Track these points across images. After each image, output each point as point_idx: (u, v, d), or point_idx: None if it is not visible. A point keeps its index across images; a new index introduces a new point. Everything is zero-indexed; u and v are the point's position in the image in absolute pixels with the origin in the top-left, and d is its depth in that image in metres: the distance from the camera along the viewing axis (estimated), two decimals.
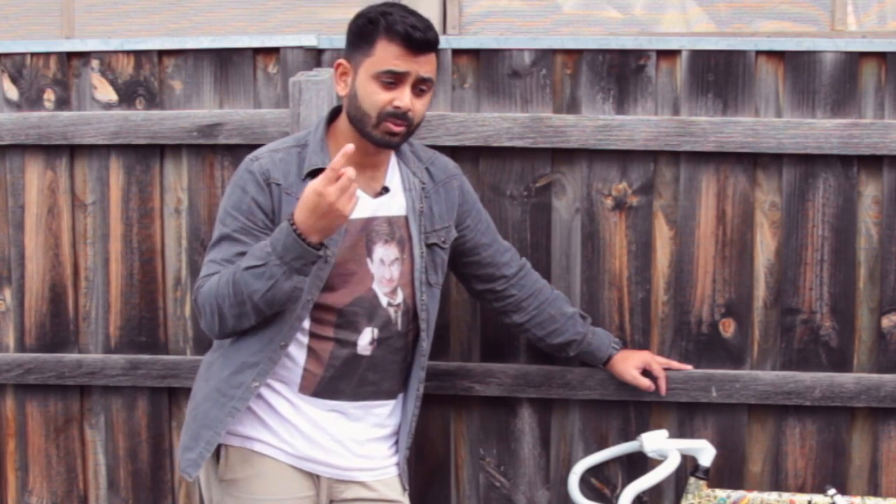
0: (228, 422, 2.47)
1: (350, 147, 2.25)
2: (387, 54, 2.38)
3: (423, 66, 2.40)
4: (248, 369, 2.47)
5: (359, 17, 2.45)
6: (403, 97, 2.39)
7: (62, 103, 3.07)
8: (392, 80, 2.39)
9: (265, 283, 2.31)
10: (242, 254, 2.42)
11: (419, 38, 2.37)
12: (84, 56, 3.06)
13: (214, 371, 2.53)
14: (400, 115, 2.40)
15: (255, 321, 2.41)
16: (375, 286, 2.50)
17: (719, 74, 2.87)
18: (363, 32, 2.42)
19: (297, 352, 2.49)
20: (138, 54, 3.04)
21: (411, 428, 2.63)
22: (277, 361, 2.47)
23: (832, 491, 2.68)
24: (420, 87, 2.42)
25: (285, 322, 2.44)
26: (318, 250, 2.30)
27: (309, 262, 2.31)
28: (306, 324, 2.48)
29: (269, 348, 2.46)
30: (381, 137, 2.42)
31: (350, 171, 2.24)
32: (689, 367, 2.89)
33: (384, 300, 2.51)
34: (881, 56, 2.84)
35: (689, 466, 2.79)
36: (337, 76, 2.50)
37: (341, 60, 2.48)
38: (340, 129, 2.51)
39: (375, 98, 2.40)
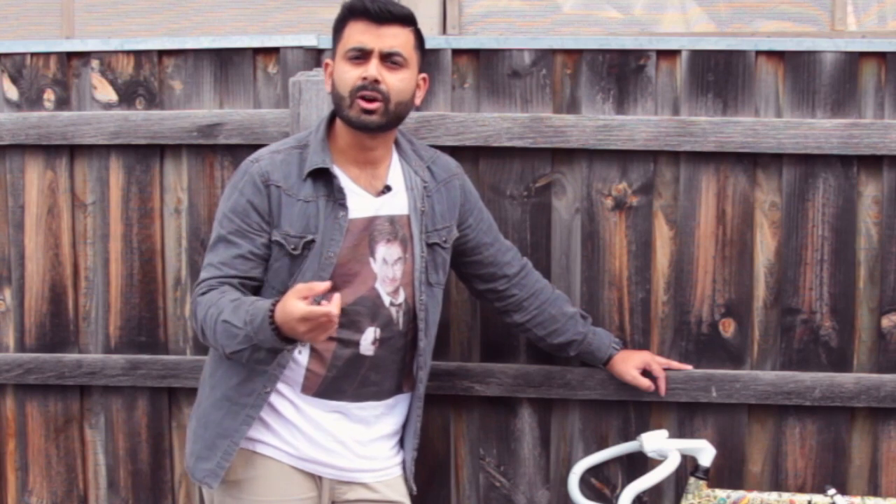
0: (244, 430, 2.48)
1: (337, 297, 2.18)
2: (352, 32, 2.43)
3: (387, 40, 2.41)
4: (258, 376, 2.47)
5: None
6: (370, 68, 2.41)
7: (62, 103, 3.07)
8: (358, 55, 2.42)
9: (234, 345, 2.32)
10: (238, 256, 2.43)
11: (377, 9, 2.40)
12: (84, 56, 3.06)
13: (221, 378, 2.52)
14: (369, 88, 2.40)
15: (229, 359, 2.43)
16: (378, 286, 2.50)
17: (719, 74, 2.87)
18: (336, 24, 2.49)
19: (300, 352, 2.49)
20: (138, 54, 3.04)
21: (416, 429, 2.63)
22: (286, 366, 2.48)
23: (832, 491, 2.68)
24: (390, 61, 2.43)
25: None
26: (290, 344, 2.27)
27: (276, 350, 2.30)
28: None
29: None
30: (356, 118, 2.43)
31: (334, 314, 2.15)
32: (689, 367, 2.89)
33: (387, 300, 2.51)
34: (881, 56, 2.84)
35: (689, 466, 2.79)
36: (326, 76, 2.52)
37: (327, 60, 2.52)
38: (339, 128, 2.51)
39: (345, 77, 2.43)
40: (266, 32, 4.64)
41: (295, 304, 2.17)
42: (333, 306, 2.15)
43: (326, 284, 2.20)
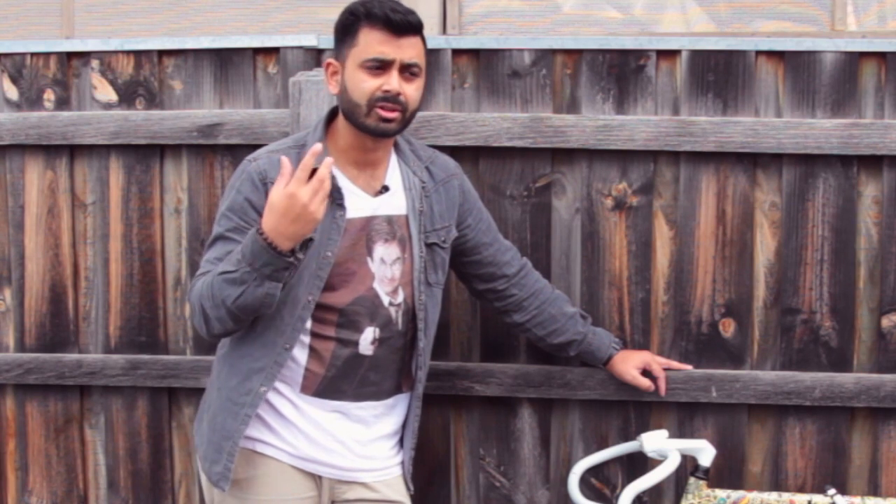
0: (243, 430, 2.48)
1: (329, 160, 2.24)
2: (371, 40, 2.40)
3: (407, 51, 2.41)
4: (255, 375, 2.47)
5: (342, 13, 2.47)
6: (391, 81, 2.40)
7: (62, 103, 3.07)
8: (378, 65, 2.40)
9: (236, 289, 2.31)
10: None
11: (399, 20, 2.38)
12: (84, 56, 3.06)
13: (223, 380, 2.53)
14: (391, 99, 2.40)
15: (235, 326, 2.40)
16: (377, 285, 2.50)
17: (719, 74, 2.87)
18: (346, 26, 2.45)
19: (299, 352, 2.49)
20: (138, 54, 3.04)
21: (415, 428, 2.63)
22: (283, 364, 2.47)
23: (832, 491, 2.68)
24: (408, 72, 2.42)
25: (287, 324, 2.44)
26: (289, 257, 2.27)
27: (279, 268, 2.28)
28: (308, 324, 2.48)
29: (274, 352, 2.46)
30: (374, 125, 2.42)
31: (323, 170, 2.22)
32: (689, 367, 2.89)
33: (386, 300, 2.51)
34: (881, 56, 2.84)
35: (689, 466, 2.79)
36: (328, 76, 2.51)
37: (330, 60, 2.50)
38: (339, 129, 2.51)
39: (364, 86, 2.41)
40: (266, 32, 4.64)
41: (278, 191, 2.23)
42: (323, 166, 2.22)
43: (318, 146, 2.24)
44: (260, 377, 2.47)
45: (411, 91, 2.43)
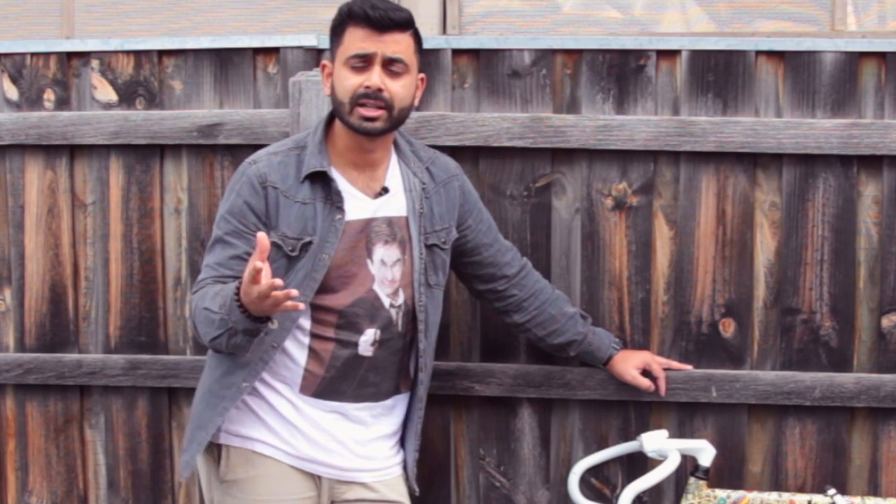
0: (218, 421, 2.49)
1: (264, 241, 2.16)
2: (353, 38, 2.41)
3: (390, 46, 2.40)
4: (239, 370, 2.48)
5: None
6: (372, 76, 2.40)
7: (62, 103, 3.07)
8: (360, 62, 2.41)
9: (213, 330, 2.33)
10: (234, 257, 2.43)
11: (379, 16, 2.38)
12: (84, 56, 3.06)
13: (208, 372, 2.55)
14: (371, 96, 2.40)
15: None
16: (377, 287, 2.50)
17: (719, 74, 2.87)
18: (334, 27, 2.46)
19: (298, 352, 2.49)
20: (138, 54, 3.04)
21: (417, 430, 2.63)
22: (269, 361, 2.48)
23: (832, 491, 2.68)
24: (392, 68, 2.42)
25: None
26: (260, 322, 2.26)
27: (250, 328, 2.28)
28: (307, 324, 2.48)
29: (260, 349, 2.46)
30: (358, 124, 2.42)
31: (276, 282, 2.15)
32: (689, 367, 2.89)
33: (386, 301, 2.51)
34: (881, 56, 2.84)
35: (689, 466, 2.79)
36: (324, 78, 2.52)
37: (325, 62, 2.51)
38: (337, 130, 2.51)
39: (346, 83, 2.41)
40: (266, 32, 4.64)
41: (248, 287, 2.18)
42: (265, 276, 2.15)
43: (264, 240, 2.16)
44: (244, 372, 2.48)
45: (396, 88, 2.42)
